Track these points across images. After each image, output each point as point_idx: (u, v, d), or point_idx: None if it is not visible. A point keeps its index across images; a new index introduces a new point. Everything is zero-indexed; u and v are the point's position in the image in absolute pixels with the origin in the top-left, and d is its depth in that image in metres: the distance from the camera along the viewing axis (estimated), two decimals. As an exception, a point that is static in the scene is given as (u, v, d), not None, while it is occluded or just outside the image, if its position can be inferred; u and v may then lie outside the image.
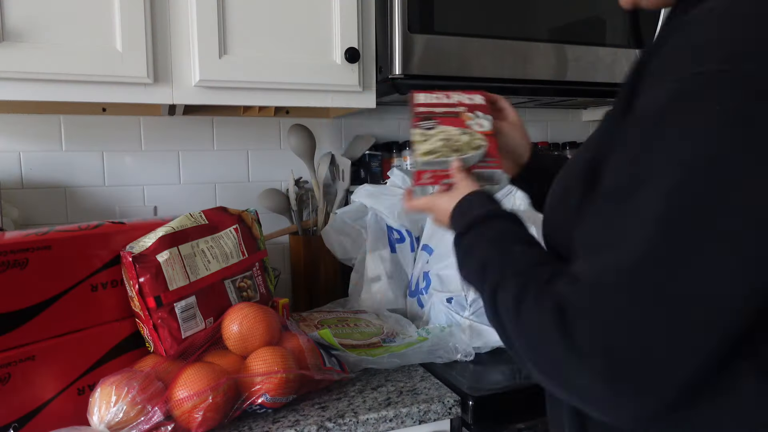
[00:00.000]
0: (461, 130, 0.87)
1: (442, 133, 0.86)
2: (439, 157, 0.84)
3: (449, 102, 0.90)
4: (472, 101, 0.91)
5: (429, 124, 0.86)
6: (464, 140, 0.86)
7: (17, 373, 0.80)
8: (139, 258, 0.89)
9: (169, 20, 1.08)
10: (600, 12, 1.31)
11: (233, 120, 1.48)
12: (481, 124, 0.88)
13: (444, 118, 0.88)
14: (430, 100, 0.90)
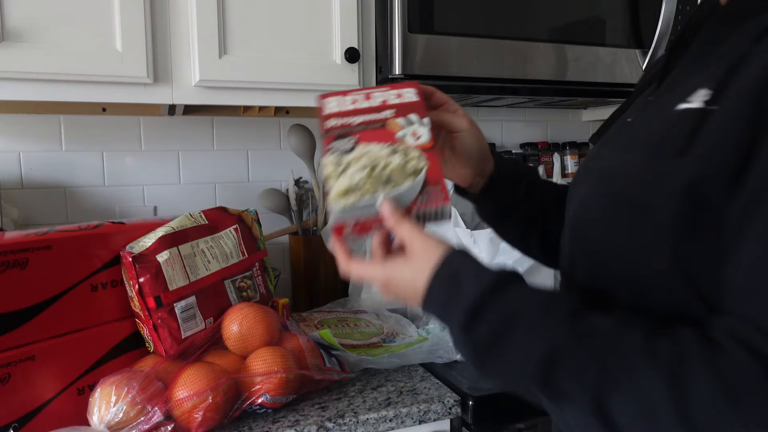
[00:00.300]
0: (390, 147, 0.64)
1: (364, 156, 0.63)
2: (362, 197, 0.61)
3: (370, 106, 0.68)
4: (402, 99, 0.69)
5: (346, 144, 0.64)
6: (396, 163, 0.63)
7: (17, 373, 0.80)
8: (139, 258, 0.89)
9: (169, 20, 1.08)
10: (600, 12, 1.31)
11: (233, 120, 1.48)
12: (417, 133, 0.66)
13: (365, 131, 0.65)
14: (345, 106, 0.68)
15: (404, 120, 0.67)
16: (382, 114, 0.67)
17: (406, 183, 0.62)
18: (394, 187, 0.61)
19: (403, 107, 0.67)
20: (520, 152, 1.76)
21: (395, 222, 0.58)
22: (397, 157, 0.63)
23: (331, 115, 0.67)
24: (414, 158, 0.64)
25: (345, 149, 0.63)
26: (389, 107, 0.67)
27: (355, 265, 0.61)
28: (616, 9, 1.31)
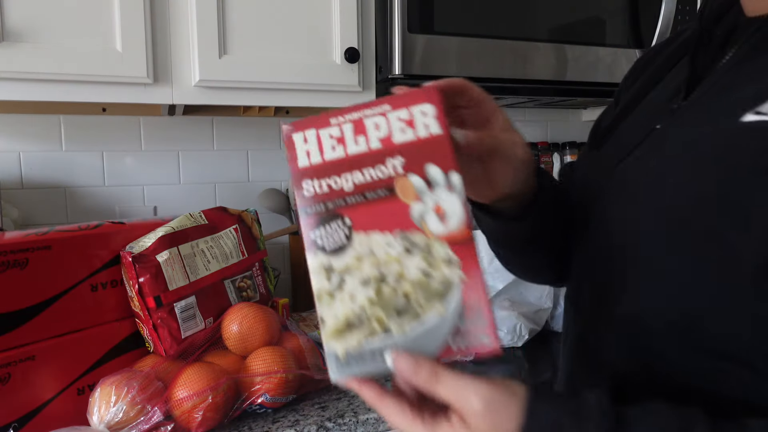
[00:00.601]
0: (403, 239, 0.42)
1: (366, 260, 0.43)
2: (371, 335, 0.42)
3: (367, 151, 0.44)
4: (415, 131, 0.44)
5: (335, 234, 0.43)
6: (414, 275, 0.42)
7: (17, 373, 0.80)
8: (139, 258, 0.89)
9: (169, 20, 1.08)
10: (600, 12, 1.31)
11: (233, 120, 1.48)
12: (443, 208, 0.42)
13: (361, 205, 0.43)
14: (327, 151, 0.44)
15: (420, 181, 0.43)
16: (386, 167, 0.43)
17: (432, 313, 0.42)
18: (414, 320, 0.42)
19: (417, 148, 0.43)
20: (520, 152, 1.76)
21: (427, 383, 0.41)
22: (416, 261, 0.42)
23: (306, 171, 0.44)
24: (441, 261, 0.42)
25: (335, 246, 0.43)
26: (396, 150, 0.44)
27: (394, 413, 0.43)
28: (616, 9, 1.31)
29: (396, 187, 0.43)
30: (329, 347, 0.42)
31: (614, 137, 0.63)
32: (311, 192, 0.44)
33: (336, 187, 0.44)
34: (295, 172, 0.44)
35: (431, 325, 0.42)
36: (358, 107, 0.45)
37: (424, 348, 0.42)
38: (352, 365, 0.43)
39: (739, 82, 0.51)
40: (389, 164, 0.44)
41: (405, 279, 0.42)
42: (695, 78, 0.56)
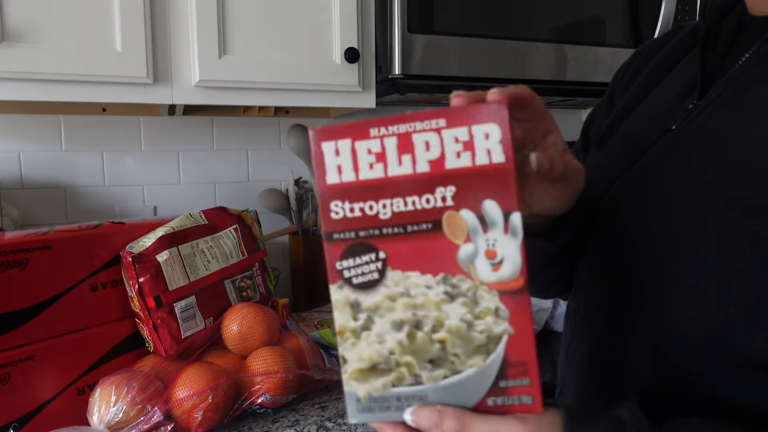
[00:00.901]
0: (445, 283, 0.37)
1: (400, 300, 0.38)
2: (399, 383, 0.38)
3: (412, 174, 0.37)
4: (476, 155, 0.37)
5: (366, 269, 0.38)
6: (455, 324, 0.38)
7: (17, 373, 0.80)
8: (138, 258, 0.89)
9: (169, 20, 1.08)
10: (600, 12, 1.31)
11: (233, 120, 1.48)
12: (497, 253, 0.37)
13: (399, 238, 0.38)
14: (363, 168, 0.38)
15: (474, 218, 0.37)
16: (435, 197, 0.37)
17: (470, 368, 0.37)
18: (449, 371, 0.38)
19: (473, 178, 0.36)
20: (520, 152, 1.76)
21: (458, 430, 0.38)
22: (458, 308, 0.37)
23: (336, 189, 0.38)
24: (488, 311, 0.37)
25: (365, 281, 0.38)
26: (448, 177, 0.37)
27: None
28: (616, 9, 1.31)
29: (444, 223, 0.37)
30: (350, 387, 0.39)
31: (618, 138, 0.61)
32: (340, 215, 0.38)
33: (371, 213, 0.38)
34: (323, 190, 0.38)
35: (467, 378, 0.38)
36: (407, 117, 0.37)
37: (456, 401, 0.38)
38: (374, 410, 0.39)
39: (763, 81, 0.49)
40: (438, 194, 0.37)
41: (443, 327, 0.37)
42: (706, 77, 0.54)
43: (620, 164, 0.57)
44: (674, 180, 0.50)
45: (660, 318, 0.49)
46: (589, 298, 0.59)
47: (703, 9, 0.58)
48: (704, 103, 0.53)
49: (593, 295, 0.58)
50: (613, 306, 0.54)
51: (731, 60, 0.54)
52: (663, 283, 0.49)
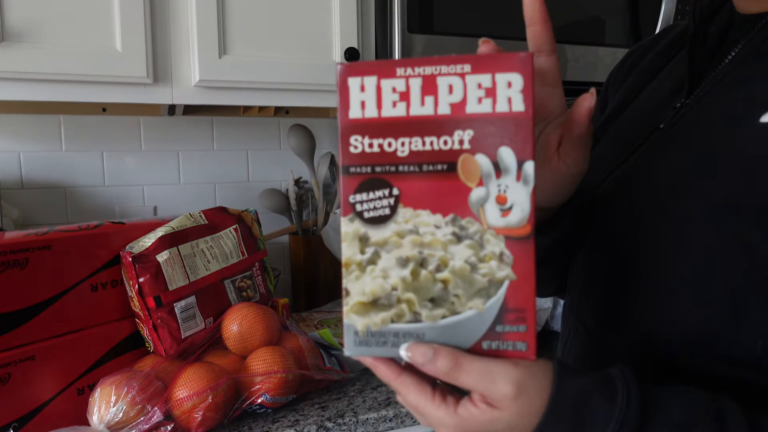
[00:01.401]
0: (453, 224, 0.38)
1: (408, 238, 0.38)
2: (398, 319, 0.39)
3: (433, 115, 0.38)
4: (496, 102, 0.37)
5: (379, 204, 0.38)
6: (459, 265, 0.38)
7: (17, 373, 0.80)
8: (138, 258, 0.89)
9: (169, 20, 1.08)
10: (600, 12, 1.31)
11: (233, 120, 1.48)
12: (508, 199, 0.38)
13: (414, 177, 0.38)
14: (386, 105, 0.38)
15: (489, 163, 0.38)
16: (452, 139, 0.38)
17: (469, 310, 0.38)
18: (448, 311, 0.38)
19: (492, 124, 0.37)
20: (520, 152, 1.76)
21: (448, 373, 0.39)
22: (464, 250, 0.38)
23: (357, 124, 0.39)
24: (493, 255, 0.38)
25: (376, 215, 0.38)
26: (467, 121, 0.38)
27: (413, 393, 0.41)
28: (616, 9, 1.32)
29: (459, 165, 0.38)
30: (349, 320, 0.39)
31: (609, 136, 0.62)
32: (359, 149, 0.38)
33: (389, 150, 0.38)
34: (345, 124, 0.39)
35: (465, 320, 0.38)
36: (434, 60, 0.39)
37: (452, 341, 0.39)
38: (370, 344, 0.39)
39: (747, 80, 0.49)
40: (456, 136, 0.38)
41: (447, 267, 0.38)
42: (695, 76, 0.55)
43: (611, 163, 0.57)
44: (660, 179, 0.50)
45: (648, 315, 0.49)
46: (582, 296, 0.59)
47: (693, 7, 0.57)
48: (692, 101, 0.53)
49: (585, 293, 0.58)
50: (604, 303, 0.55)
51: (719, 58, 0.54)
52: (649, 280, 0.49)
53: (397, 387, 0.42)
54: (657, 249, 0.48)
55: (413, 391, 0.41)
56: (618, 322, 0.53)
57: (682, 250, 0.46)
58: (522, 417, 0.39)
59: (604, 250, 0.55)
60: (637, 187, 0.53)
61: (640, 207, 0.51)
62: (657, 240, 0.48)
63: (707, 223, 0.45)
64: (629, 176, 0.54)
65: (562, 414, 0.39)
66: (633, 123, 0.60)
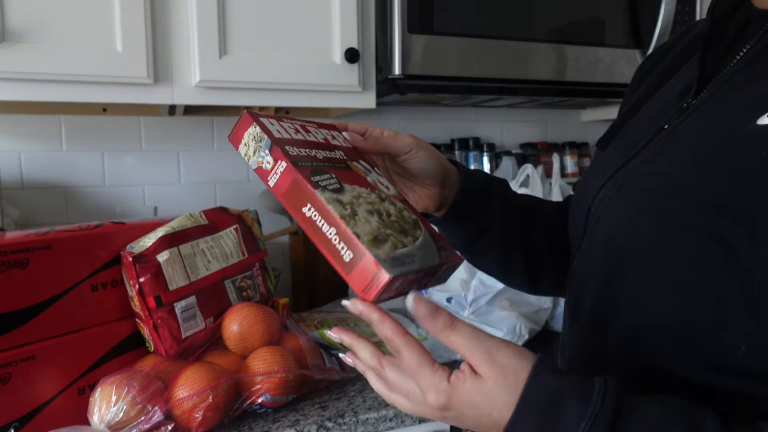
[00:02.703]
0: (375, 193, 0.55)
1: (362, 199, 0.52)
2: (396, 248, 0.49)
3: (318, 141, 0.57)
4: (340, 141, 0.61)
5: (330, 181, 0.52)
6: (394, 212, 0.53)
7: (17, 372, 0.80)
8: (139, 258, 0.89)
9: (169, 20, 1.08)
10: (600, 12, 1.31)
11: (233, 120, 1.48)
12: (383, 183, 0.58)
13: (336, 170, 0.54)
14: (291, 134, 0.55)
15: (363, 166, 0.58)
16: (336, 154, 0.57)
17: (420, 235, 0.52)
18: (412, 237, 0.52)
19: (348, 151, 0.60)
20: (520, 152, 1.76)
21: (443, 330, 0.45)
22: (389, 205, 0.54)
23: (283, 140, 0.53)
24: (403, 208, 0.55)
25: (334, 187, 0.51)
26: (336, 147, 0.58)
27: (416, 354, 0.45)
28: (616, 9, 1.32)
29: (350, 166, 0.57)
30: (374, 254, 0.47)
31: (620, 137, 0.62)
32: (294, 153, 0.52)
33: (312, 155, 0.54)
34: (273, 138, 0.52)
35: (424, 240, 0.53)
36: (292, 118, 0.59)
37: (431, 259, 0.51)
38: (397, 265, 0.47)
39: (752, 81, 0.49)
40: (336, 152, 0.58)
41: (391, 214, 0.53)
42: (705, 75, 0.54)
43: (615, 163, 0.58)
44: (656, 179, 0.51)
45: (636, 314, 0.50)
46: (577, 296, 0.60)
47: (713, 4, 0.56)
48: (698, 102, 0.53)
49: (581, 292, 0.59)
50: (596, 302, 0.56)
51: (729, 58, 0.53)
52: (638, 280, 0.50)
53: (400, 345, 0.46)
54: (647, 249, 0.49)
55: (416, 352, 0.45)
56: (609, 322, 0.53)
57: (671, 250, 0.47)
58: (499, 388, 0.42)
59: (599, 250, 0.56)
60: (631, 189, 0.53)
61: (634, 207, 0.52)
62: (647, 240, 0.49)
63: (695, 224, 0.45)
64: (628, 177, 0.55)
65: (533, 407, 0.41)
66: (642, 125, 0.60)
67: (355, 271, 0.47)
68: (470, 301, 1.16)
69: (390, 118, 1.61)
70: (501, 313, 1.17)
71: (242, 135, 0.53)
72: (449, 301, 1.20)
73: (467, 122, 1.73)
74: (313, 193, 0.49)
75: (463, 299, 1.17)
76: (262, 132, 0.52)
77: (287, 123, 0.56)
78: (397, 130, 0.67)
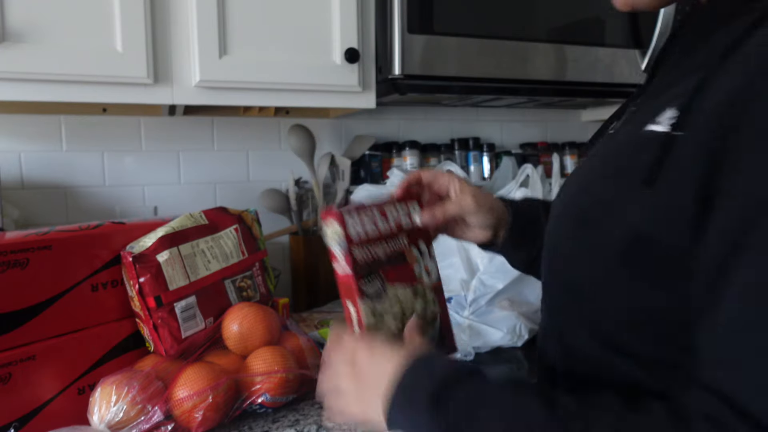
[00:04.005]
0: (413, 289, 0.66)
1: (396, 304, 0.65)
2: None
3: (388, 230, 0.67)
4: (410, 218, 0.70)
5: (375, 287, 0.63)
6: (419, 310, 0.66)
7: (17, 373, 0.80)
8: (139, 258, 0.89)
9: (169, 20, 1.08)
10: (600, 12, 1.31)
11: (233, 120, 1.48)
12: (429, 269, 0.69)
13: (390, 268, 0.65)
14: (367, 229, 0.65)
15: (418, 252, 0.69)
16: (399, 242, 0.68)
17: (428, 333, 0.67)
18: None
19: (412, 232, 0.70)
20: (520, 152, 1.76)
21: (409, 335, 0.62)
22: (419, 303, 0.67)
23: (355, 242, 0.63)
24: (431, 302, 0.69)
25: (377, 294, 0.64)
26: (401, 231, 0.68)
27: None
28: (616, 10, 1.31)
29: (406, 255, 0.68)
30: None
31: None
32: (359, 257, 0.64)
33: (372, 255, 0.65)
34: (348, 239, 0.63)
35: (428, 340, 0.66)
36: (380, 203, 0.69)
37: None
38: None
39: (666, 86, 0.50)
40: (399, 239, 0.68)
41: (415, 312, 0.66)
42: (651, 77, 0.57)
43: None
44: (574, 184, 0.58)
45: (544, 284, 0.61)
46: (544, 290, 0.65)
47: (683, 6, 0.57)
48: (638, 105, 0.55)
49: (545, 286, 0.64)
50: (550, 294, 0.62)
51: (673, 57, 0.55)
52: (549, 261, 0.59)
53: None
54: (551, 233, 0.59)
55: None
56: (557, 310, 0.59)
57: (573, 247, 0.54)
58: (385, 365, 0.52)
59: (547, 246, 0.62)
60: (565, 188, 0.61)
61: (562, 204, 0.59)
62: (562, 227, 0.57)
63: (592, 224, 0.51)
64: (567, 181, 0.62)
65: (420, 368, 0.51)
66: (604, 128, 0.64)
67: None
68: (470, 301, 1.16)
69: (390, 118, 1.61)
70: (501, 313, 1.17)
71: (327, 219, 0.65)
72: (449, 301, 1.20)
73: (467, 122, 1.73)
74: (356, 299, 0.63)
75: (463, 299, 1.17)
76: (341, 230, 0.63)
77: (368, 214, 0.66)
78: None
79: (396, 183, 1.35)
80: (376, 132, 1.59)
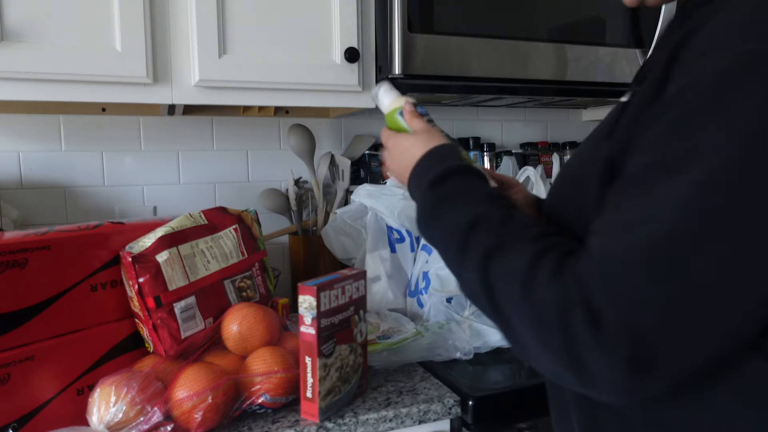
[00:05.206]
0: (350, 347, 0.91)
1: (339, 359, 0.89)
2: (336, 396, 0.89)
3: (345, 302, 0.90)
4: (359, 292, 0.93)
5: (330, 348, 0.87)
6: (351, 363, 0.91)
7: (17, 373, 0.80)
8: (138, 258, 0.89)
9: (168, 20, 1.08)
10: (600, 12, 1.31)
11: (233, 120, 1.48)
12: (363, 331, 0.94)
13: (340, 332, 0.89)
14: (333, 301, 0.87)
15: (358, 318, 0.92)
16: (349, 312, 0.90)
17: (353, 380, 0.92)
18: (347, 383, 0.91)
19: (357, 303, 0.92)
20: (520, 152, 1.76)
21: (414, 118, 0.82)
22: (352, 357, 0.91)
23: (324, 312, 0.85)
24: (359, 355, 0.93)
25: (328, 353, 0.86)
26: (351, 302, 0.90)
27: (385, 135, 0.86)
28: (616, 9, 1.31)
29: (351, 321, 0.91)
30: (319, 405, 0.86)
31: None
32: (324, 324, 0.85)
33: (332, 323, 0.87)
34: (320, 311, 0.84)
35: (353, 384, 0.93)
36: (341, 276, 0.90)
37: (349, 395, 0.93)
38: (327, 411, 0.88)
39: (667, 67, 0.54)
40: (350, 310, 0.91)
41: (348, 366, 0.91)
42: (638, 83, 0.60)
43: None
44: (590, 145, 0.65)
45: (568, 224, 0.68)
46: None
47: None
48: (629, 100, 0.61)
49: None
50: None
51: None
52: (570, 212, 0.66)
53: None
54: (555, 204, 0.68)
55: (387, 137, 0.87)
56: None
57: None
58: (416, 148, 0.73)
59: None
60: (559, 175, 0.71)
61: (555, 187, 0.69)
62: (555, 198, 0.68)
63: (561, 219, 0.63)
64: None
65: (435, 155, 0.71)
66: None
67: (306, 403, 0.87)
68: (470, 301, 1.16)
69: (390, 117, 1.61)
70: (501, 313, 1.17)
71: (304, 294, 0.84)
72: (449, 301, 1.20)
73: (467, 122, 1.72)
74: (315, 356, 0.84)
75: (463, 299, 1.17)
76: (315, 303, 0.84)
77: (333, 289, 0.86)
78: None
79: (396, 183, 1.35)
80: (377, 132, 1.59)
